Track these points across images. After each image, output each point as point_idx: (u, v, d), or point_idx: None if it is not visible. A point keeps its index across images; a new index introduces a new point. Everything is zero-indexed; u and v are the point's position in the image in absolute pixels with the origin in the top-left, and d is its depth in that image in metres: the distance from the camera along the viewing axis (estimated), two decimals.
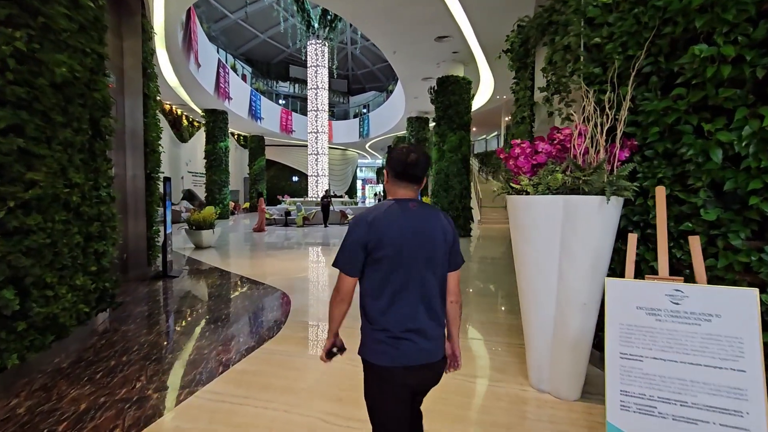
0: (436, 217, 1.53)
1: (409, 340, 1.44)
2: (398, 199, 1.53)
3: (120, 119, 6.17)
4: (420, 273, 1.45)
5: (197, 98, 17.46)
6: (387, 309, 1.45)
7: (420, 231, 1.47)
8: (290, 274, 6.87)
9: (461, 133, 12.57)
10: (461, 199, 12.61)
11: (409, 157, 1.50)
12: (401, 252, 1.43)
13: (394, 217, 1.46)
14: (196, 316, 4.61)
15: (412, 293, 1.45)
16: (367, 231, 1.44)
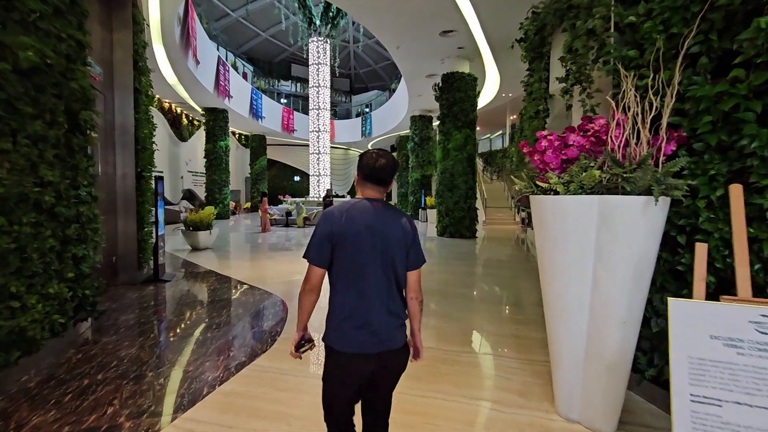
0: (397, 219, 1.65)
1: (363, 330, 1.55)
2: (364, 198, 1.67)
3: (109, 115, 5.84)
4: (377, 269, 1.58)
5: (197, 96, 17.14)
6: (345, 300, 1.59)
7: (380, 230, 1.58)
8: (288, 278, 6.51)
9: (466, 131, 12.19)
10: (467, 200, 12.24)
11: (378, 161, 1.63)
12: (360, 248, 1.56)
13: (357, 215, 1.59)
14: (184, 326, 4.26)
15: (369, 287, 1.57)
16: (332, 225, 1.58)
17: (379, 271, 1.58)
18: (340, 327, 1.59)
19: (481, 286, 6.28)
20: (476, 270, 7.52)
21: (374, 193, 1.67)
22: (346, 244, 1.56)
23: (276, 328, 4.15)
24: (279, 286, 5.87)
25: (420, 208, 19.23)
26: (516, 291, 5.89)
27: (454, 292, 5.79)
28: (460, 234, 12.24)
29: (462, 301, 5.31)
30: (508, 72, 13.56)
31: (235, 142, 26.95)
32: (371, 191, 1.67)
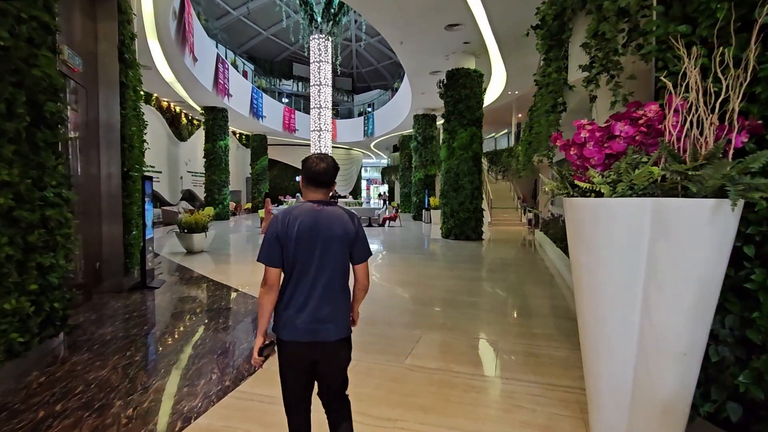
0: (338, 218, 1.77)
1: (305, 321, 1.70)
2: (309, 200, 1.80)
3: (93, 110, 5.46)
4: (319, 265, 1.72)
5: (195, 95, 16.78)
6: (290, 294, 1.73)
7: (320, 230, 1.71)
8: None
9: (472, 129, 11.76)
10: (472, 200, 11.80)
11: (318, 165, 1.76)
12: (302, 247, 1.70)
13: (299, 217, 1.72)
14: (166, 341, 3.86)
15: (311, 282, 1.72)
16: (278, 228, 1.72)
17: (321, 267, 1.73)
18: (286, 318, 1.73)
19: (491, 293, 5.85)
20: (484, 275, 7.09)
21: (317, 195, 1.80)
22: (290, 244, 1.71)
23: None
24: None
25: (423, 208, 18.80)
26: (529, 299, 5.46)
27: (461, 300, 5.37)
28: (466, 236, 11.81)
29: (471, 311, 4.89)
30: (515, 68, 13.12)
31: (236, 142, 26.60)
32: (314, 194, 1.80)
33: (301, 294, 1.72)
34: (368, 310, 4.80)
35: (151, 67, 12.92)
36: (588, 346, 2.10)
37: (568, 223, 2.14)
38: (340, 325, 1.78)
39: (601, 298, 1.96)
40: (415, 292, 5.81)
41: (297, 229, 1.70)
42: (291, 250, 1.71)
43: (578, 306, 2.14)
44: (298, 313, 1.71)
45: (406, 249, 10.29)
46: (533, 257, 9.12)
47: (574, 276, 2.13)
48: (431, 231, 15.15)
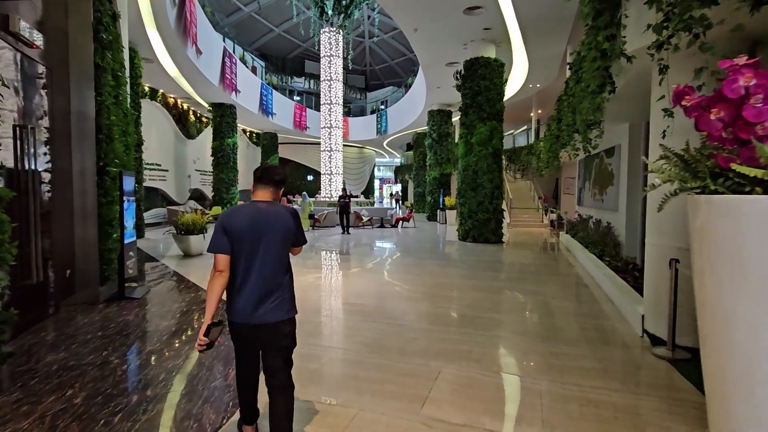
0: (279, 216, 2.03)
1: (250, 305, 1.96)
2: (254, 200, 2.09)
3: (62, 96, 4.77)
4: (261, 256, 1.98)
5: (202, 91, 16.22)
6: (235, 280, 1.99)
7: (262, 225, 1.98)
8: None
9: (492, 123, 10.86)
10: (492, 200, 10.91)
11: (264, 168, 2.11)
12: (246, 239, 1.97)
13: (245, 214, 2.00)
14: (123, 377, 3.12)
15: (252, 270, 1.98)
16: (225, 223, 1.98)
17: (263, 257, 1.98)
18: (233, 303, 2.00)
19: (520, 309, 4.99)
20: (509, 285, 6.22)
21: (264, 195, 2.09)
22: (236, 237, 1.96)
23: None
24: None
25: (438, 209, 17.92)
26: (567, 318, 4.59)
27: (486, 318, 4.53)
28: (485, 238, 10.91)
29: (499, 334, 4.05)
30: (538, 58, 12.18)
31: (246, 140, 26.11)
32: (262, 193, 2.09)
33: (246, 281, 1.97)
34: (377, 331, 4.00)
35: (153, 60, 12.35)
36: (724, 386, 1.26)
37: (699, 229, 1.30)
38: (281, 309, 2.01)
39: (758, 332, 1.12)
40: (432, 307, 4.99)
41: (242, 224, 1.96)
42: (236, 242, 1.95)
43: (704, 330, 1.29)
44: (243, 297, 1.96)
45: (420, 253, 9.46)
46: (561, 263, 8.20)
47: (701, 291, 1.29)
48: (446, 232, 14.28)
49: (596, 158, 9.35)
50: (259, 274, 1.97)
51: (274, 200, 2.09)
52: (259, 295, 1.96)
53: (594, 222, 9.07)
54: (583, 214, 10.66)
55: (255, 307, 1.95)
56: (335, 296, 5.61)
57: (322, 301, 5.24)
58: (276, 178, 2.09)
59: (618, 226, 7.76)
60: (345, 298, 5.46)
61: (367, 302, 5.17)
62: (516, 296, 5.53)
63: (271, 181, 2.08)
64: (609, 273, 5.78)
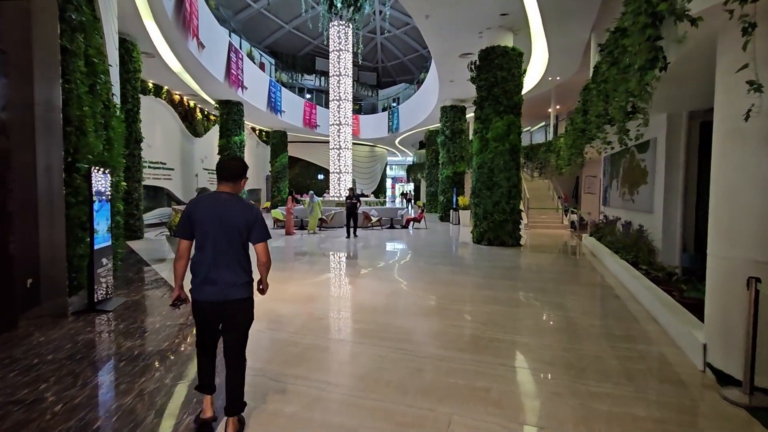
0: (239, 207, 2.25)
1: (209, 285, 2.22)
2: (216, 191, 2.31)
3: (23, 83, 4.22)
4: (221, 242, 2.21)
5: (208, 87, 15.76)
6: (199, 263, 2.23)
7: (223, 215, 2.21)
8: (280, 314, 4.73)
9: (510, 117, 10.09)
10: (509, 200, 10.13)
11: (227, 161, 2.34)
12: (207, 227, 2.21)
13: (208, 204, 2.24)
14: (62, 420, 2.51)
15: (214, 255, 2.22)
16: (190, 209, 2.25)
17: (222, 244, 2.21)
18: (195, 282, 2.24)
19: (547, 329, 4.26)
20: (531, 297, 5.48)
21: (226, 188, 2.30)
22: (198, 224, 2.21)
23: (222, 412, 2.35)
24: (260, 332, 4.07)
25: (451, 209, 17.16)
26: (604, 342, 3.85)
27: (506, 342, 3.82)
28: (501, 241, 10.15)
29: (524, 365, 3.35)
30: (559, 47, 11.35)
31: (255, 139, 25.71)
32: (224, 186, 2.31)
33: (207, 263, 2.22)
34: (376, 358, 3.33)
35: (154, 55, 11.91)
36: None
37: None
38: (236, 289, 2.26)
39: None
40: (442, 324, 4.30)
41: (204, 212, 2.22)
42: (198, 228, 2.22)
43: None
44: (204, 278, 2.22)
45: (431, 257, 8.76)
46: (587, 270, 7.41)
47: None
48: (460, 234, 13.53)
49: (626, 154, 8.51)
50: (218, 256, 2.21)
51: (236, 191, 2.32)
52: (218, 275, 2.21)
53: (623, 224, 8.25)
54: (609, 215, 9.81)
55: (215, 285, 2.21)
56: (330, 311, 4.93)
57: (315, 318, 4.57)
58: (235, 172, 2.32)
59: (653, 230, 6.94)
60: (341, 314, 4.78)
61: (367, 319, 4.51)
62: (539, 312, 4.79)
63: (231, 176, 2.30)
64: (649, 285, 5.00)
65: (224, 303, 2.23)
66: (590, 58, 11.55)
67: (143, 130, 13.09)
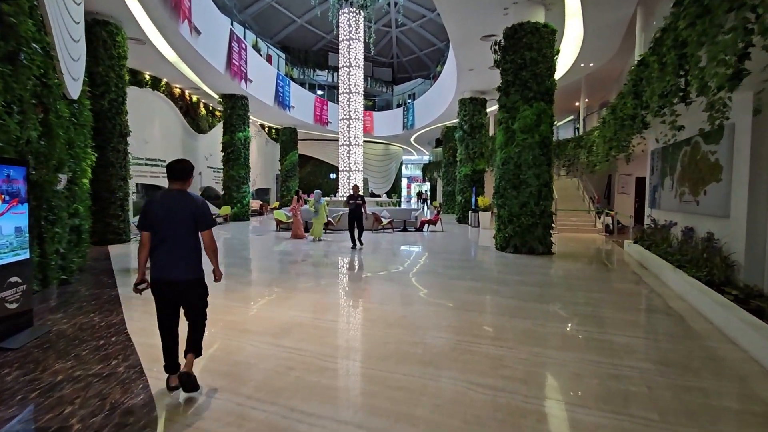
0: (187, 202, 2.67)
1: (165, 267, 2.65)
2: (168, 188, 2.72)
3: None
4: (173, 231, 2.64)
5: (209, 79, 14.77)
6: (156, 249, 2.66)
7: (174, 208, 2.64)
8: (240, 356, 3.51)
9: (540, 104, 8.69)
10: (539, 201, 8.73)
11: (175, 164, 2.73)
12: (161, 219, 2.63)
13: (161, 200, 2.67)
14: None
15: (167, 241, 2.64)
16: (147, 206, 2.66)
17: (175, 232, 2.64)
18: (154, 264, 2.66)
19: (620, 395, 2.91)
20: (582, 332, 4.11)
21: (176, 185, 2.71)
22: (155, 218, 2.63)
23: None
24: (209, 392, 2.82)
25: (470, 210, 15.75)
26: (723, 424, 2.49)
27: (565, 420, 2.50)
28: (530, 248, 8.76)
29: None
30: (595, 26, 9.89)
31: (264, 136, 24.76)
32: (174, 184, 2.71)
33: (163, 249, 2.64)
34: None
35: (145, 41, 10.90)
36: None
37: None
38: (189, 270, 2.70)
39: None
40: (460, 383, 2.98)
41: (159, 207, 2.64)
42: (155, 221, 2.63)
43: None
44: (162, 262, 2.65)
45: (447, 269, 7.44)
46: (643, 290, 5.99)
47: None
48: (480, 238, 12.16)
49: (684, 146, 7.03)
50: (173, 243, 2.65)
51: (185, 188, 2.73)
52: (172, 259, 2.65)
53: (683, 231, 6.77)
54: (659, 219, 8.32)
55: (169, 268, 2.65)
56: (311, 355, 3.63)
57: (287, 366, 3.32)
58: (183, 172, 2.71)
59: (730, 239, 5.48)
60: (325, 362, 3.51)
61: (351, 370, 3.24)
62: (600, 361, 3.43)
63: (180, 176, 2.70)
64: (754, 322, 3.59)
65: (180, 282, 2.67)
66: (635, 38, 10.04)
67: (139, 125, 12.13)
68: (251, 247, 10.14)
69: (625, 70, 14.52)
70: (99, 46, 9.38)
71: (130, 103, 10.39)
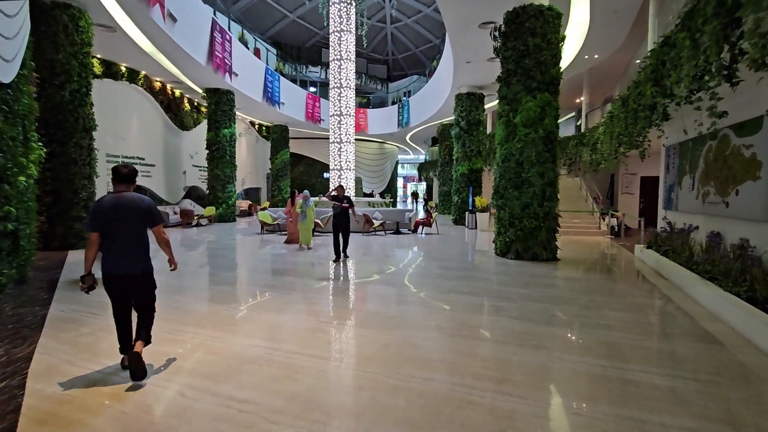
0: (134, 202, 2.92)
1: (117, 262, 2.88)
2: (115, 191, 2.95)
3: None
4: (122, 229, 2.88)
5: (190, 72, 13.89)
6: (107, 246, 2.89)
7: (120, 208, 2.88)
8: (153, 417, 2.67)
9: (545, 95, 7.88)
10: (543, 202, 7.94)
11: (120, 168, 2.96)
12: (109, 218, 2.85)
13: (108, 201, 2.89)
14: None
15: (117, 239, 2.88)
16: (96, 207, 2.88)
17: (124, 230, 2.89)
18: (105, 259, 2.88)
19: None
20: (605, 368, 3.30)
21: (122, 188, 2.95)
22: (104, 218, 2.85)
23: None
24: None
25: (467, 210, 14.94)
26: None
27: None
28: (533, 255, 7.96)
29: None
30: (604, 11, 9.09)
31: (255, 134, 23.86)
32: (120, 187, 2.95)
33: (114, 246, 2.88)
34: None
35: (115, 29, 10.04)
36: None
37: None
38: (138, 265, 2.95)
39: None
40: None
41: (108, 208, 2.86)
42: (104, 221, 2.84)
43: None
44: (113, 258, 2.88)
45: (442, 279, 6.63)
46: (667, 306, 5.19)
47: None
48: (477, 241, 11.36)
49: (708, 140, 6.25)
50: (121, 240, 2.88)
51: (130, 190, 2.99)
52: (123, 255, 2.89)
53: (709, 236, 5.98)
54: (675, 222, 7.53)
55: (120, 263, 2.88)
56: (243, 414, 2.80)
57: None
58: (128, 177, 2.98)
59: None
60: (258, 428, 2.68)
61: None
62: (644, 418, 2.60)
63: (125, 179, 2.96)
64: None
65: (130, 276, 2.93)
66: (643, 27, 9.26)
67: (114, 120, 11.23)
68: (227, 254, 9.26)
69: (631, 62, 13.76)
70: (59, 31, 8.52)
71: (105, 96, 9.56)
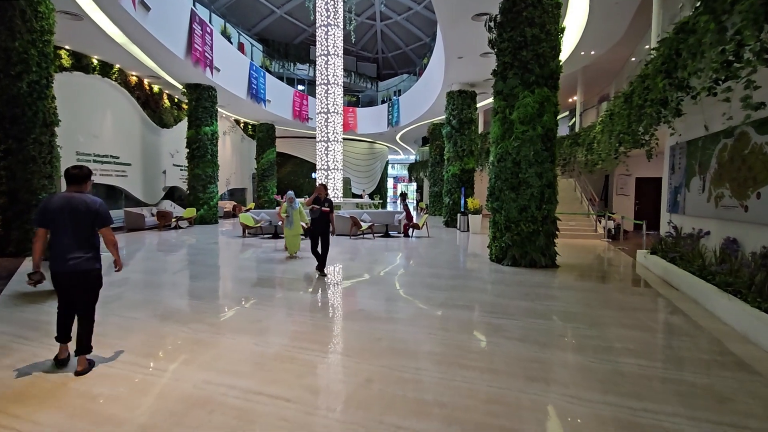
0: (84, 202, 3.01)
1: (65, 260, 2.96)
2: (67, 191, 3.07)
3: None
4: (70, 228, 2.97)
5: (168, 66, 13.13)
6: (55, 244, 2.97)
7: (70, 208, 2.97)
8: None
9: (544, 90, 7.36)
10: (541, 204, 7.41)
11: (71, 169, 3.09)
12: (58, 217, 2.95)
13: (59, 200, 2.98)
14: None
15: (65, 238, 2.97)
16: (45, 204, 2.98)
17: (74, 229, 2.98)
18: (53, 257, 2.98)
19: None
20: (645, 419, 2.75)
21: (73, 189, 3.08)
22: (52, 215, 2.95)
23: None
24: None
25: (459, 212, 14.41)
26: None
27: None
28: (531, 261, 7.43)
29: None
30: (605, 4, 8.61)
31: (240, 133, 23.09)
32: (72, 188, 3.08)
33: (63, 244, 2.96)
34: None
35: (82, 17, 9.29)
36: None
37: None
38: (84, 263, 3.02)
39: None
40: None
41: (57, 206, 2.95)
42: (53, 218, 2.94)
43: None
44: (61, 255, 2.96)
45: (433, 290, 6.04)
46: (681, 321, 4.67)
47: None
48: (470, 244, 10.82)
49: (721, 138, 5.77)
50: (69, 239, 2.97)
51: (82, 191, 3.10)
52: (69, 252, 2.97)
53: (725, 243, 5.49)
54: (683, 226, 7.06)
55: (67, 260, 2.96)
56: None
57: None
58: (79, 178, 3.10)
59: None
60: None
61: None
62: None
63: (76, 181, 3.08)
64: None
65: (77, 273, 3.00)
66: (643, 21, 8.82)
67: (86, 116, 10.45)
68: (201, 260, 8.55)
69: (629, 59, 13.36)
70: (15, 17, 7.74)
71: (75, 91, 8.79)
